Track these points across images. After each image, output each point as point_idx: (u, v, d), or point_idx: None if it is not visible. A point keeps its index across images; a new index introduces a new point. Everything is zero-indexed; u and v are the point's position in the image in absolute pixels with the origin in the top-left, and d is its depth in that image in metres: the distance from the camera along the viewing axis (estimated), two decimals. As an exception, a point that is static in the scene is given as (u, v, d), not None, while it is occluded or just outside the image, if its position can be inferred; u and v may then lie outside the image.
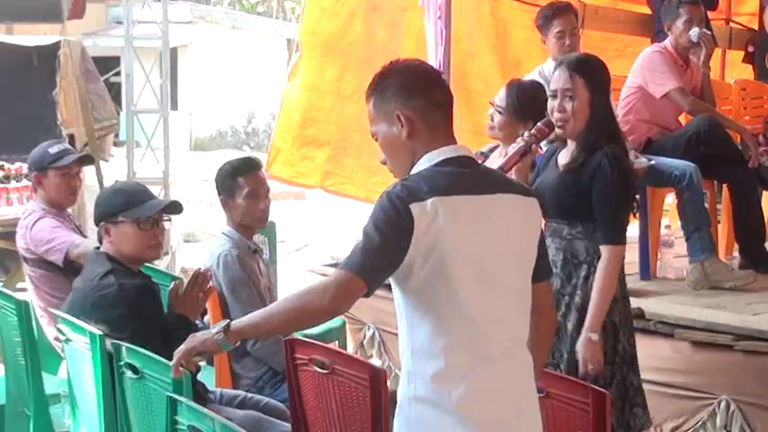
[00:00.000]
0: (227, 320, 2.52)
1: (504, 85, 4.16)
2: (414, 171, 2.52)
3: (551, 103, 3.62)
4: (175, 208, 3.77)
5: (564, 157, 3.62)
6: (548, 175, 3.68)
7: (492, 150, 4.33)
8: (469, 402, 2.39)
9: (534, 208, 2.59)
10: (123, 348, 3.14)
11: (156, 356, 3.00)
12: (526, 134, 3.69)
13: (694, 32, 5.30)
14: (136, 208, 3.58)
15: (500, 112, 4.08)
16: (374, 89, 2.59)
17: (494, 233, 2.47)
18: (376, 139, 2.63)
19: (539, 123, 3.71)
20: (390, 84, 2.56)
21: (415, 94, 2.54)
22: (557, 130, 3.67)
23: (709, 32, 5.45)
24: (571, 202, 3.57)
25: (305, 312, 2.44)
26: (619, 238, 3.52)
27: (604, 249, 3.50)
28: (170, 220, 3.85)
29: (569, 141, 3.63)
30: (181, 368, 2.56)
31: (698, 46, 5.43)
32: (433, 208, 2.38)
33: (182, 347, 2.54)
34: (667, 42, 5.41)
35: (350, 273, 2.41)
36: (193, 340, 2.54)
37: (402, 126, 2.52)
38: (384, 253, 2.41)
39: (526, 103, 4.12)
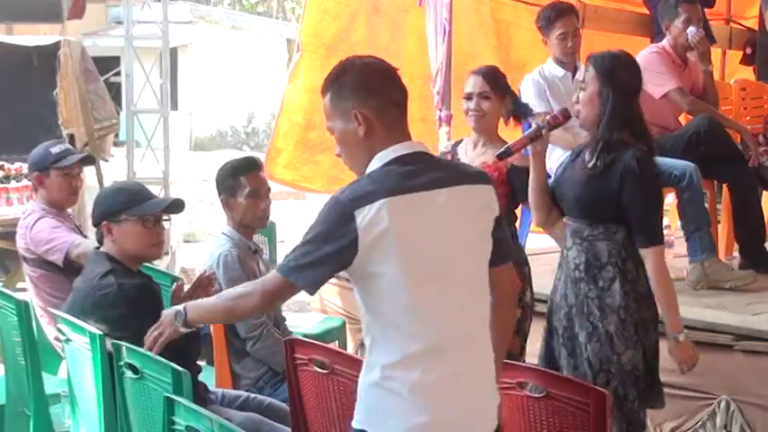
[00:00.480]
0: (184, 307, 2.89)
1: (470, 76, 4.14)
2: (368, 170, 2.57)
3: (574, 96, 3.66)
4: (178, 206, 3.79)
5: (588, 156, 3.58)
6: (572, 172, 3.65)
7: (457, 144, 4.30)
8: (422, 390, 2.48)
9: (487, 194, 2.64)
10: (123, 348, 3.14)
11: (156, 356, 3.00)
12: (540, 120, 3.73)
13: (691, 31, 5.30)
14: (139, 206, 3.59)
15: (488, 97, 4.08)
16: (330, 85, 2.64)
17: (442, 227, 2.52)
18: (333, 135, 2.67)
19: (555, 111, 3.76)
20: (348, 81, 2.61)
21: (373, 93, 2.58)
22: (572, 118, 3.70)
23: (703, 32, 5.44)
24: (595, 203, 3.54)
25: (238, 310, 2.76)
26: (657, 239, 3.50)
27: (648, 252, 3.47)
28: (169, 219, 3.86)
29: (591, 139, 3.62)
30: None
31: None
32: (378, 211, 2.44)
33: (153, 333, 2.97)
34: (665, 42, 5.41)
35: (281, 276, 2.55)
36: (160, 327, 2.95)
37: (359, 125, 2.56)
38: (320, 259, 2.50)
39: (501, 79, 4.15)
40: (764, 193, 5.78)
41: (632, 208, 3.47)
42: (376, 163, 2.55)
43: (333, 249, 2.47)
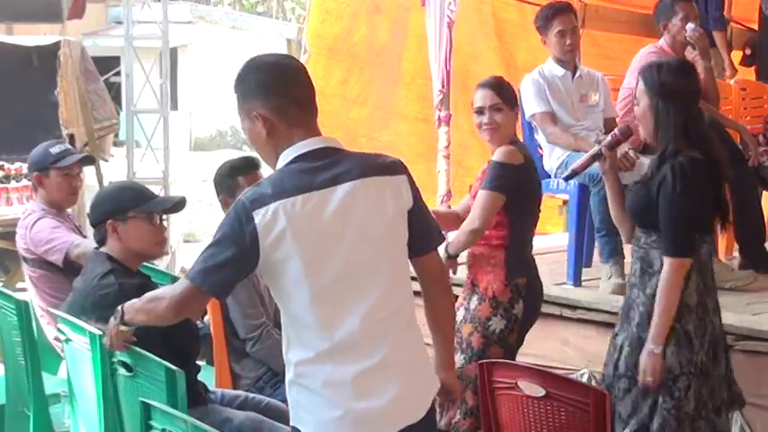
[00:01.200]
0: (122, 307, 2.95)
1: (478, 89, 4.10)
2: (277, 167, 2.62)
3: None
4: (183, 205, 3.82)
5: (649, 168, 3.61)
6: (637, 183, 3.68)
7: None
8: (333, 385, 2.53)
9: (398, 185, 2.67)
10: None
11: (150, 355, 2.99)
12: (603, 140, 3.76)
13: (690, 28, 5.30)
14: (147, 203, 3.60)
15: (500, 109, 4.06)
16: (235, 88, 2.67)
17: (345, 223, 2.54)
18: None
19: (615, 130, 3.79)
20: (249, 82, 2.63)
21: (271, 92, 2.60)
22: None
23: (701, 29, 5.43)
24: (641, 211, 3.56)
25: (153, 313, 2.77)
26: (680, 251, 3.44)
27: (665, 261, 3.45)
28: (168, 218, 3.88)
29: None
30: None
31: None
32: (275, 213, 2.49)
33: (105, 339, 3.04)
34: (662, 42, 5.41)
35: (188, 282, 2.58)
36: (108, 330, 3.00)
37: (262, 125, 2.59)
38: (224, 262, 2.53)
39: (508, 88, 4.13)
40: (764, 192, 5.78)
41: (661, 215, 3.46)
42: (280, 162, 2.59)
43: (236, 251, 2.51)
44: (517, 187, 3.96)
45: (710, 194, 3.53)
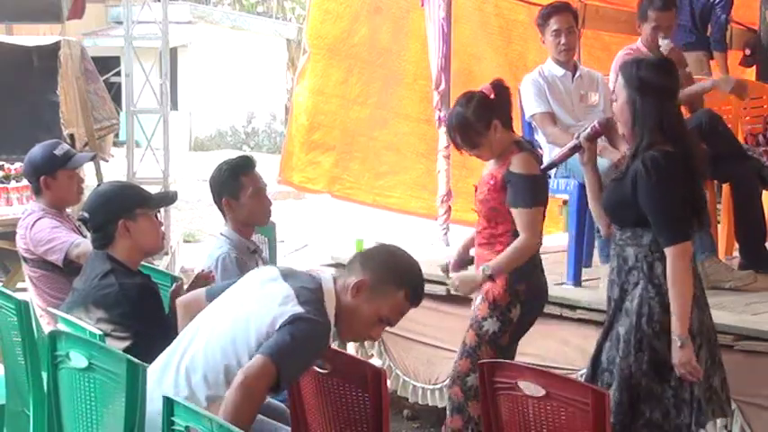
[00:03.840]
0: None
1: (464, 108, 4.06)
2: None
3: None
4: (176, 197, 3.96)
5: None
6: (614, 180, 3.68)
7: None
8: None
9: None
10: (63, 336, 3.00)
11: (110, 347, 2.89)
12: (582, 132, 3.75)
13: (663, 44, 5.34)
14: (150, 200, 3.63)
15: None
16: None
17: None
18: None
19: (594, 122, 3.77)
20: None
21: None
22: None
23: (671, 43, 5.42)
24: (617, 207, 3.58)
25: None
26: (676, 237, 3.44)
27: (666, 252, 3.45)
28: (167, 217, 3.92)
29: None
30: None
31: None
32: None
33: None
34: (639, 43, 5.43)
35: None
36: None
37: None
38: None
39: (476, 112, 4.02)
40: (765, 192, 5.77)
41: (647, 209, 3.47)
42: None
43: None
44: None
45: (688, 189, 3.52)
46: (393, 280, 3.07)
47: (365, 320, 3.08)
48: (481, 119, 3.95)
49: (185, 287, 3.73)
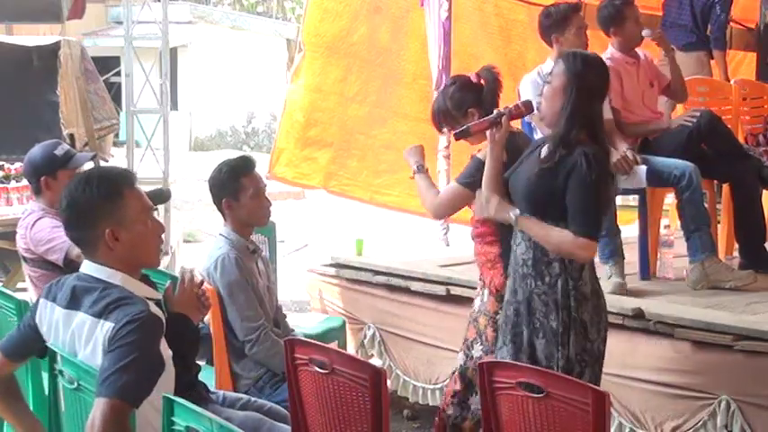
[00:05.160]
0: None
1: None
2: None
3: None
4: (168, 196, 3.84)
5: (545, 151, 3.59)
6: (527, 166, 3.65)
7: None
8: None
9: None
10: (58, 355, 2.98)
11: (94, 367, 2.79)
12: (503, 108, 3.72)
13: (646, 34, 5.36)
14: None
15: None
16: None
17: None
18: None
19: (518, 101, 3.78)
20: None
21: None
22: (535, 112, 3.73)
23: (649, 31, 5.47)
24: (544, 199, 3.55)
25: None
26: (590, 232, 3.47)
27: (572, 240, 3.46)
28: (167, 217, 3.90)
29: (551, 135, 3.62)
30: None
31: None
32: None
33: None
34: (611, 49, 5.42)
35: None
36: None
37: None
38: None
39: (449, 110, 4.09)
40: (765, 192, 5.78)
41: (571, 200, 3.47)
42: None
43: None
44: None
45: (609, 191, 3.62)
46: (109, 198, 2.88)
47: (143, 236, 2.94)
48: (457, 106, 4.01)
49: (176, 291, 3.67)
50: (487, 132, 3.72)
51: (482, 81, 4.02)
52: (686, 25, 7.24)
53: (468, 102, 4.00)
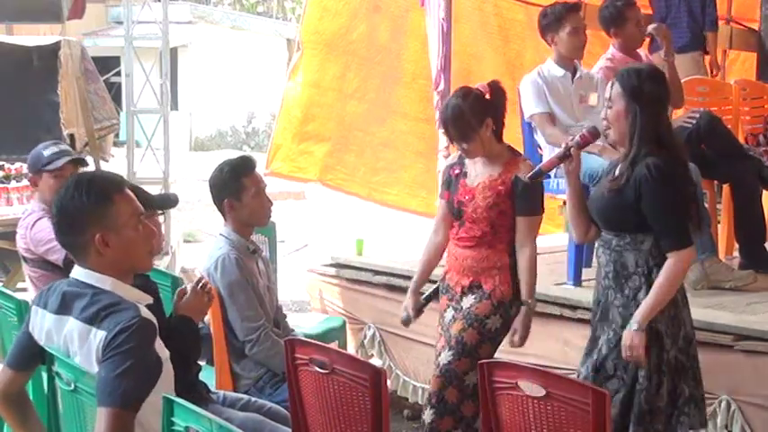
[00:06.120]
0: None
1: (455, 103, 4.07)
2: None
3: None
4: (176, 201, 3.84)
5: (619, 171, 3.61)
6: (601, 186, 3.71)
7: (463, 157, 4.15)
8: None
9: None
10: (56, 359, 2.96)
11: (92, 374, 2.78)
12: (570, 140, 3.74)
13: (651, 27, 5.39)
14: (153, 203, 3.63)
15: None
16: None
17: None
18: None
19: (583, 130, 3.76)
20: None
21: None
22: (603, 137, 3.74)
23: (653, 25, 5.49)
24: (616, 214, 3.58)
25: None
26: (682, 242, 3.49)
27: (670, 256, 3.48)
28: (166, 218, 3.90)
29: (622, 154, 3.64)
30: None
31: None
32: None
33: None
34: (612, 50, 5.42)
35: None
36: None
37: None
38: None
39: (472, 107, 4.02)
40: (765, 192, 5.78)
41: (652, 214, 3.49)
42: None
43: None
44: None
45: (688, 195, 3.58)
46: (98, 203, 2.85)
47: (133, 241, 2.90)
48: (476, 114, 3.97)
49: (187, 294, 3.67)
50: (561, 165, 3.75)
51: (490, 94, 4.03)
52: (680, 25, 7.21)
53: (484, 112, 3.99)
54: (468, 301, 4.06)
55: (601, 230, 3.71)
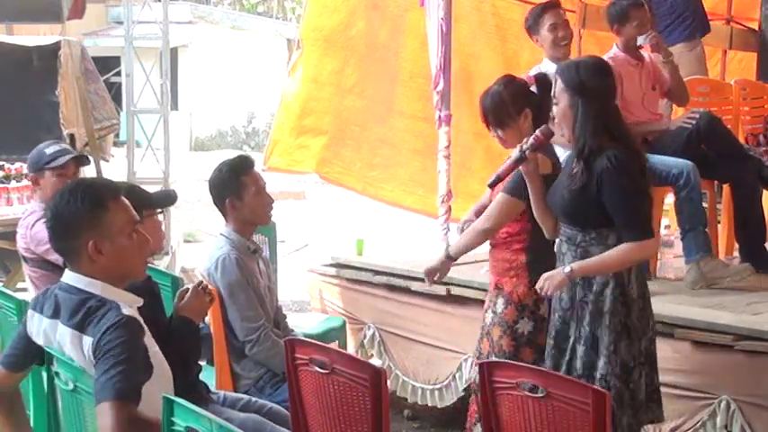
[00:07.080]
0: None
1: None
2: None
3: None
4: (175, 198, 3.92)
5: (572, 166, 3.60)
6: (561, 181, 3.67)
7: None
8: None
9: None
10: (55, 359, 2.96)
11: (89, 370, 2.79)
12: (525, 142, 3.69)
13: (641, 39, 5.37)
14: (153, 202, 3.63)
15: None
16: None
17: None
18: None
19: (537, 131, 3.70)
20: None
21: None
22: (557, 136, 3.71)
23: (651, 33, 5.47)
24: (580, 210, 3.56)
25: None
26: (645, 233, 3.48)
27: (630, 245, 3.47)
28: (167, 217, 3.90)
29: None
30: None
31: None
32: None
33: None
34: (615, 49, 5.41)
35: None
36: None
37: None
38: None
39: (499, 107, 4.02)
40: (765, 192, 5.77)
41: (613, 204, 3.48)
42: None
43: None
44: None
45: (646, 186, 3.58)
46: (93, 210, 2.85)
47: (126, 249, 2.90)
48: (516, 103, 3.96)
49: (188, 295, 3.66)
50: (519, 168, 3.71)
51: (534, 86, 4.01)
52: (681, 13, 7.16)
53: (524, 101, 3.97)
54: (499, 305, 4.07)
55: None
